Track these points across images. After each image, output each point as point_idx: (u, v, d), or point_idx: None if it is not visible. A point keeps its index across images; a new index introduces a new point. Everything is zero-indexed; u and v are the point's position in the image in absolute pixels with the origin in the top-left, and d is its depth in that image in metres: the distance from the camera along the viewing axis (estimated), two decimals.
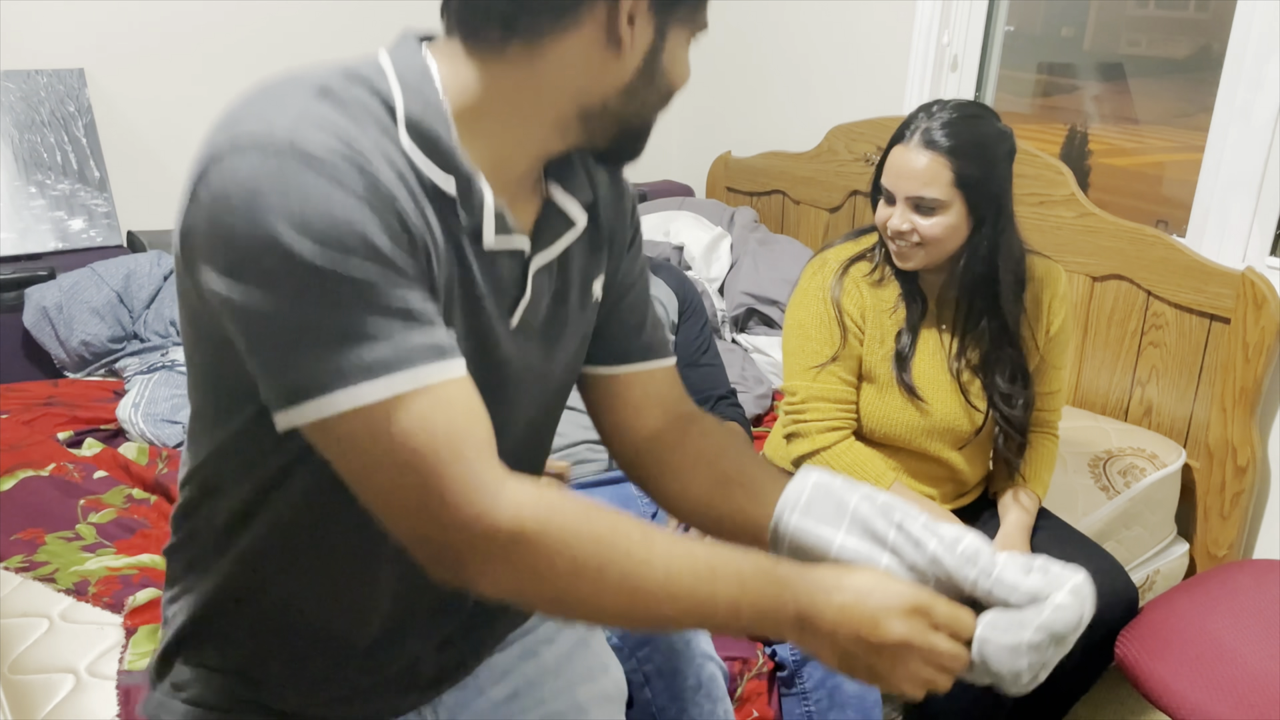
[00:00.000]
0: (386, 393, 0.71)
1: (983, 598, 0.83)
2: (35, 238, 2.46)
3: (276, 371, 0.72)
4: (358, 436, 0.72)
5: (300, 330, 0.71)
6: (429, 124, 0.78)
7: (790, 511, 0.89)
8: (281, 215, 0.69)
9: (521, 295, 0.87)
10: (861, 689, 1.51)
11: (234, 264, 0.71)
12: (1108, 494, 2.10)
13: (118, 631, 1.46)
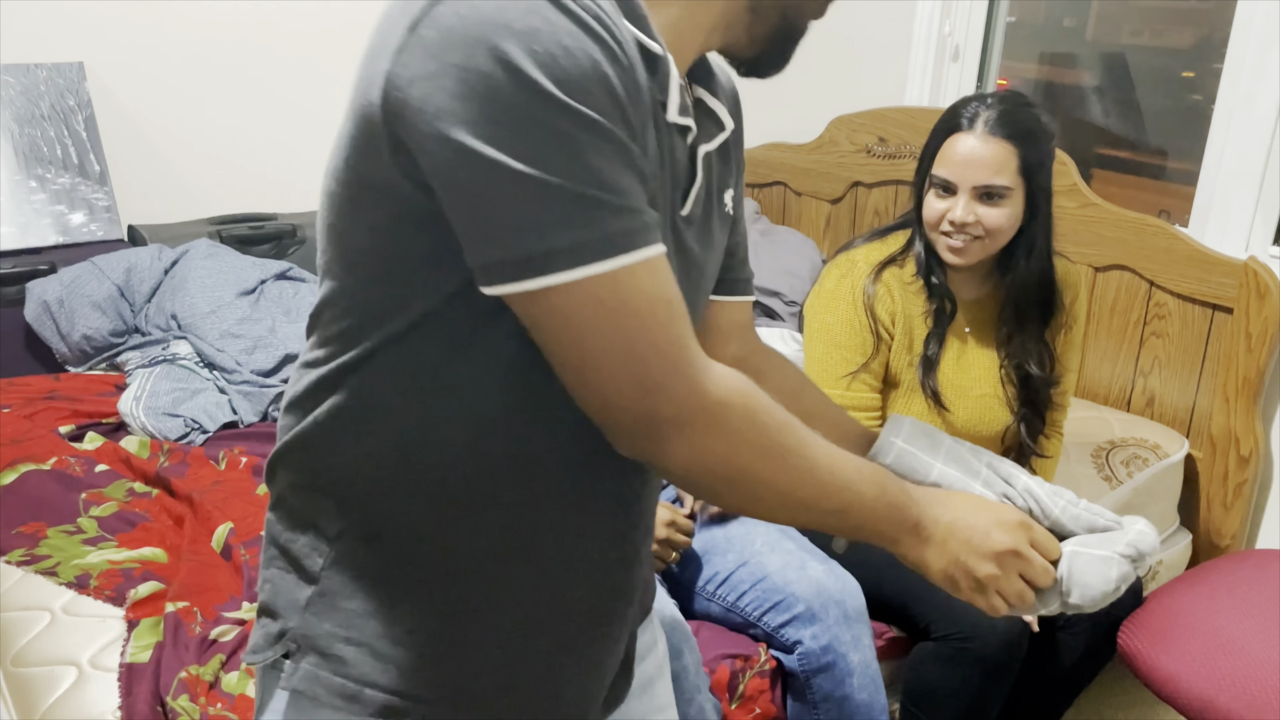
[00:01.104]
0: (618, 265, 0.66)
1: (1069, 524, 0.90)
2: (36, 232, 2.46)
3: (495, 242, 0.66)
4: (580, 309, 0.67)
5: (532, 187, 0.64)
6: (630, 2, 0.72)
7: (894, 436, 0.93)
8: (530, 51, 0.62)
9: (693, 181, 0.82)
10: (870, 698, 1.51)
11: (474, 105, 0.63)
12: (1110, 484, 2.10)
13: (119, 624, 1.46)
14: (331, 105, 2.93)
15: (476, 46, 0.62)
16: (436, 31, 0.64)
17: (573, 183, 0.64)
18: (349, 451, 0.78)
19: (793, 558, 1.56)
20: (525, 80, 0.62)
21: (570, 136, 0.64)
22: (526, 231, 0.65)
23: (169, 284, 2.42)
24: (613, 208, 0.66)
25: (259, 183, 2.86)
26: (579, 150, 0.64)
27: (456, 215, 0.67)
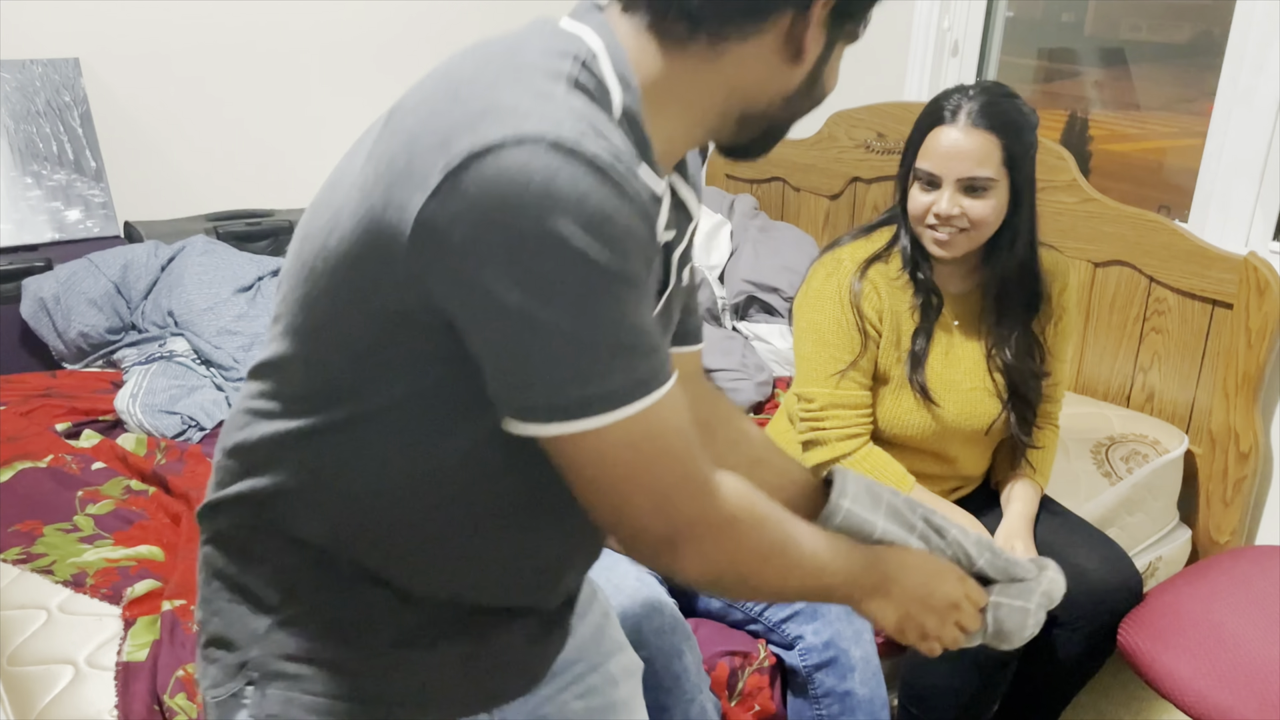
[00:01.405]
0: (646, 405, 0.72)
1: (992, 574, 1.04)
2: (32, 228, 2.45)
3: (537, 387, 0.71)
4: (611, 448, 0.73)
5: (577, 342, 0.69)
6: (634, 114, 0.76)
7: (841, 499, 0.99)
8: (580, 220, 0.66)
9: (668, 285, 0.87)
10: (871, 693, 1.51)
11: (520, 267, 0.66)
12: (1110, 480, 2.10)
13: (116, 623, 1.45)
14: (329, 102, 2.93)
15: (522, 211, 0.65)
16: (479, 189, 0.66)
17: (609, 336, 0.69)
18: (306, 508, 0.83)
19: None
20: (569, 247, 0.66)
21: (609, 294, 0.68)
22: (565, 382, 0.70)
23: (166, 281, 2.41)
24: (640, 352, 0.72)
25: (256, 179, 2.85)
26: (616, 306, 0.69)
27: (489, 359, 0.71)
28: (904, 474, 1.64)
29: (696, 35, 0.77)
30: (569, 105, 0.69)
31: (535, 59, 0.73)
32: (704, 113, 0.82)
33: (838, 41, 0.84)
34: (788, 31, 0.79)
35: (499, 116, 0.67)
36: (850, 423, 1.63)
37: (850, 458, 1.63)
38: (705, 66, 0.79)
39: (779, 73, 0.81)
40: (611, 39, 0.77)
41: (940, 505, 1.65)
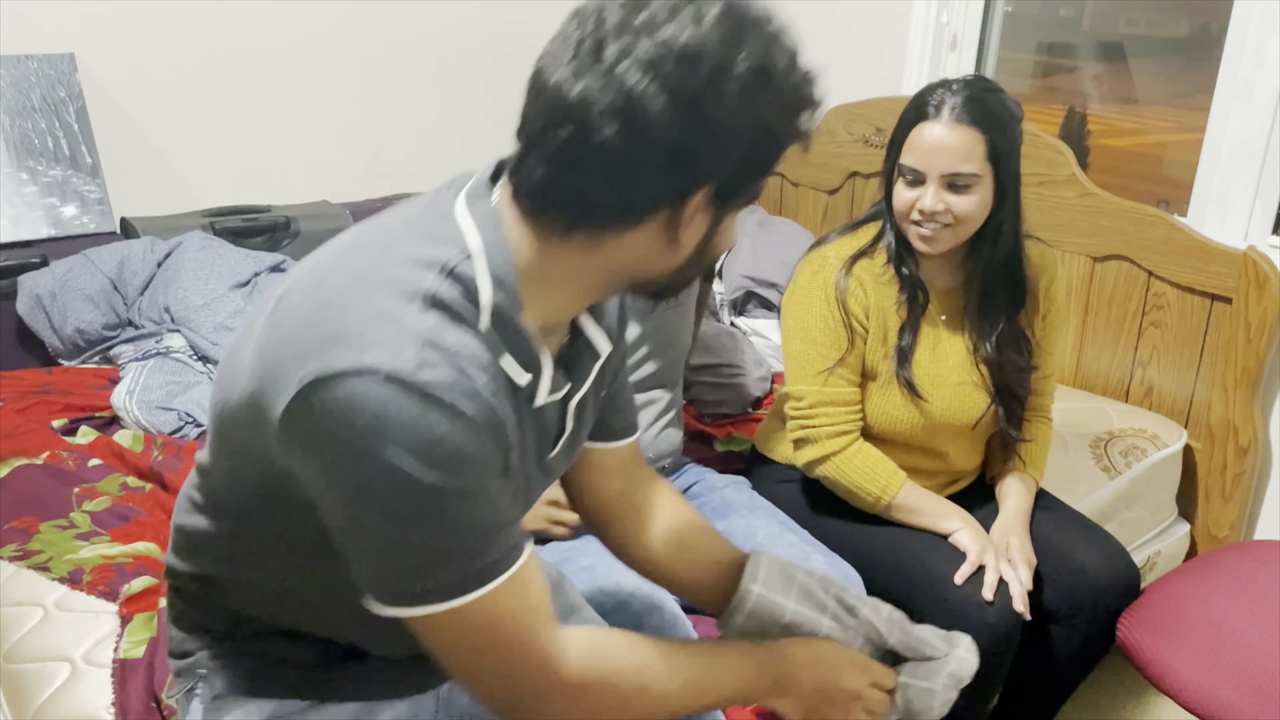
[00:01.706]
0: (478, 594, 0.81)
1: (902, 651, 1.08)
2: (28, 225, 2.44)
3: (379, 578, 0.82)
4: (452, 629, 0.83)
5: (403, 550, 0.79)
6: (506, 316, 0.83)
7: (751, 584, 1.07)
8: (406, 446, 0.75)
9: (563, 432, 0.97)
10: None
11: (352, 482, 0.77)
12: (1109, 475, 2.10)
13: (113, 620, 1.45)
14: (326, 97, 2.92)
15: (356, 438, 0.75)
16: (323, 410, 0.76)
17: (439, 542, 0.79)
18: (231, 588, 0.99)
19: (795, 550, 1.56)
20: (398, 472, 0.75)
21: (438, 508, 0.77)
22: (400, 578, 0.80)
23: (162, 277, 2.41)
24: (472, 553, 0.81)
25: (252, 174, 2.84)
26: (445, 517, 0.78)
27: (347, 552, 0.82)
28: (895, 470, 1.64)
29: (575, 231, 0.83)
30: (415, 330, 0.77)
31: (399, 272, 0.80)
32: (591, 287, 0.89)
33: (726, 216, 0.88)
34: (666, 224, 0.84)
35: (346, 344, 0.76)
36: (840, 420, 1.63)
37: (841, 454, 1.63)
38: (587, 254, 0.85)
39: (662, 254, 0.86)
40: (494, 234, 0.83)
41: (933, 502, 1.65)
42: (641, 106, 0.77)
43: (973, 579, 1.53)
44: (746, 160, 0.83)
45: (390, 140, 3.04)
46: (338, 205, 2.84)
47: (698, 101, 0.77)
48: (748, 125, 0.80)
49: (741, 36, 0.79)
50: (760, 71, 0.79)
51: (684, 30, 0.77)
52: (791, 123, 0.84)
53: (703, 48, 0.77)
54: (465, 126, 3.16)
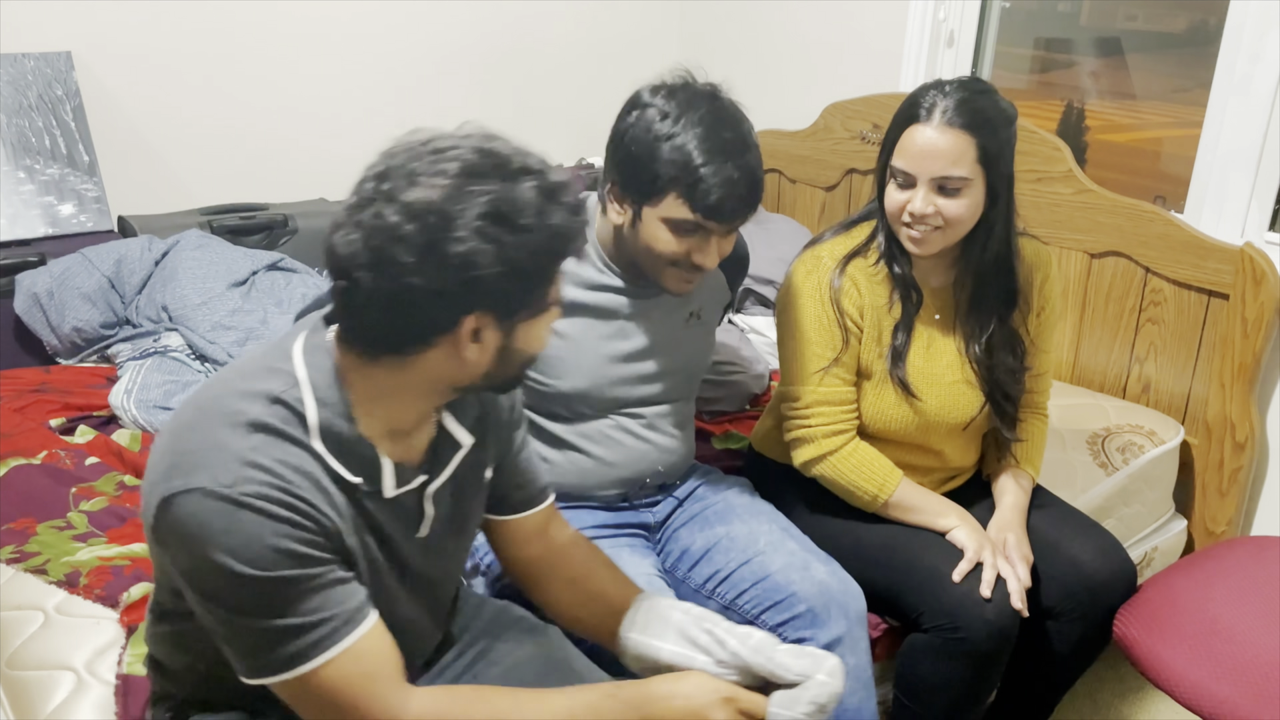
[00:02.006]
0: (314, 666, 0.98)
1: (770, 679, 1.13)
2: (25, 223, 2.44)
3: (232, 655, 1.01)
4: (299, 695, 1.00)
5: (245, 630, 0.98)
6: (335, 428, 1.01)
7: (628, 631, 1.20)
8: (225, 549, 0.93)
9: (423, 517, 1.13)
10: (860, 702, 1.51)
11: (192, 578, 0.97)
12: (1106, 471, 2.10)
13: (113, 626, 1.45)
14: (323, 94, 2.92)
15: (190, 545, 0.94)
16: (167, 525, 0.95)
17: (275, 620, 0.96)
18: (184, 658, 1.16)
19: (796, 558, 1.56)
20: (223, 570, 0.94)
21: (268, 594, 0.96)
22: (252, 654, 0.99)
23: (159, 275, 2.41)
24: (308, 627, 0.97)
25: (250, 172, 2.84)
26: (270, 599, 0.96)
27: (209, 628, 1.01)
28: (891, 468, 1.64)
29: (380, 356, 1.00)
30: (236, 452, 0.95)
31: (233, 404, 0.98)
32: (418, 396, 1.05)
33: (519, 328, 1.02)
34: (450, 346, 0.99)
35: (182, 470, 0.95)
36: (836, 419, 1.63)
37: (837, 453, 1.63)
38: (398, 373, 1.01)
39: (462, 367, 1.01)
40: (321, 363, 1.02)
41: (930, 500, 1.65)
42: (390, 258, 0.93)
43: (970, 576, 1.53)
44: (507, 286, 0.97)
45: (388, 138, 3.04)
46: (335, 203, 2.82)
47: (432, 249, 0.92)
48: (491, 260, 0.94)
49: (468, 189, 0.94)
50: (493, 216, 0.94)
51: (419, 192, 0.93)
52: (545, 251, 0.98)
53: (430, 205, 0.93)
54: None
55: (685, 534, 1.64)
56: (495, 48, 3.17)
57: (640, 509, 1.66)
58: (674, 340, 1.62)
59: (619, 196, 1.45)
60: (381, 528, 1.08)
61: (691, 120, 1.38)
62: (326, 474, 1.01)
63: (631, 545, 1.58)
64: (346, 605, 1.01)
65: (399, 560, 1.12)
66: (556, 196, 0.98)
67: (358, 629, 1.01)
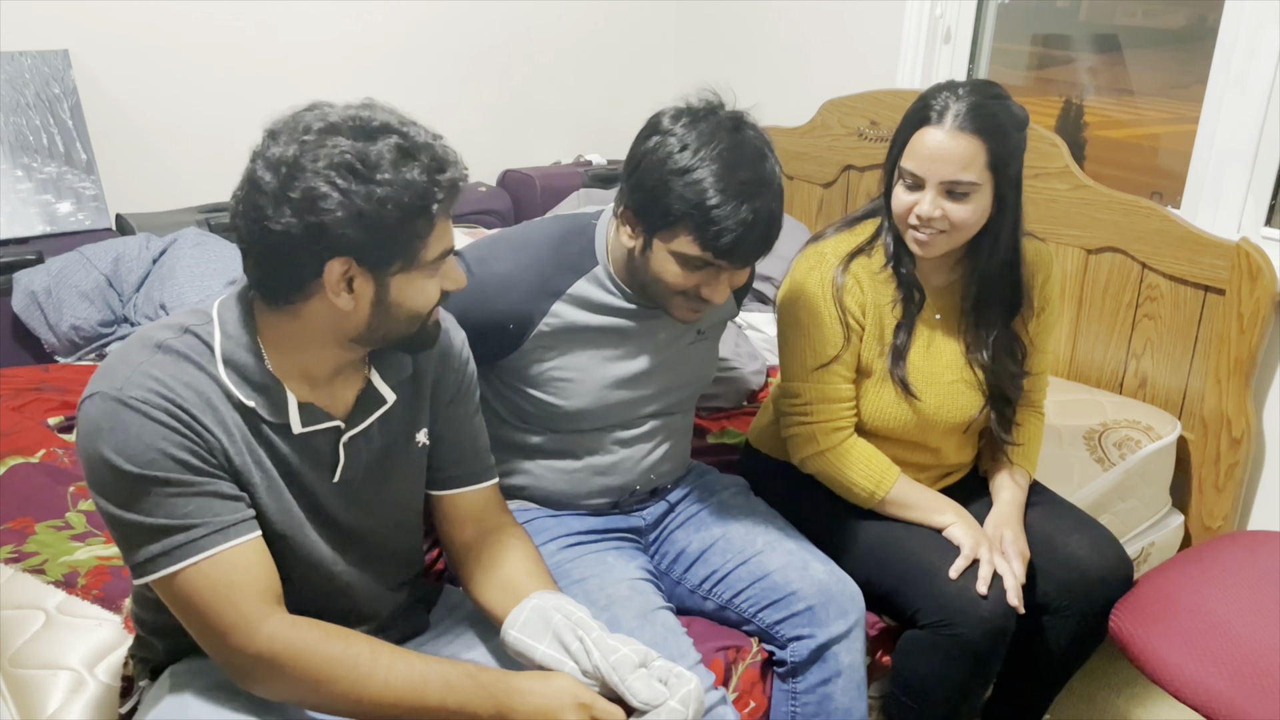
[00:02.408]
0: (181, 566, 1.06)
1: (627, 699, 1.15)
2: (23, 221, 2.45)
3: (123, 555, 1.08)
4: (167, 592, 1.08)
5: (125, 526, 1.06)
6: (238, 359, 1.10)
7: (510, 628, 1.22)
8: (111, 445, 1.03)
9: (337, 462, 1.19)
10: (849, 703, 1.51)
11: (89, 476, 1.06)
12: (1103, 466, 2.10)
13: (114, 628, 1.45)
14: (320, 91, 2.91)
15: (86, 440, 1.05)
16: (79, 429, 1.06)
17: (149, 518, 1.05)
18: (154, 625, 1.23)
19: (795, 557, 1.56)
20: (107, 464, 1.03)
21: (144, 491, 1.04)
22: (130, 551, 1.07)
23: (157, 273, 2.41)
24: (178, 529, 1.05)
25: None
26: (148, 498, 1.04)
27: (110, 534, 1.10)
28: (889, 464, 1.65)
29: (275, 303, 1.09)
30: (136, 363, 1.06)
31: (150, 332, 1.10)
32: (319, 344, 1.12)
33: (393, 279, 1.08)
34: (324, 293, 1.06)
35: (99, 375, 1.07)
36: (835, 416, 1.63)
37: (835, 450, 1.64)
38: (295, 320, 1.10)
39: (344, 315, 1.09)
40: (231, 307, 1.12)
41: (926, 496, 1.65)
42: (253, 205, 1.03)
43: (967, 573, 1.53)
44: (361, 234, 1.03)
45: None
46: None
47: (282, 194, 1.01)
48: (336, 205, 1.01)
49: (325, 144, 1.01)
50: (342, 166, 1.01)
51: (280, 148, 1.02)
52: (397, 202, 1.03)
53: (285, 157, 1.01)
54: (460, 122, 3.16)
55: (681, 535, 1.64)
56: (493, 45, 3.17)
57: (630, 513, 1.65)
58: (679, 358, 1.60)
59: (631, 221, 1.41)
60: (287, 461, 1.15)
61: (710, 154, 1.33)
62: (224, 397, 1.09)
63: (619, 549, 1.57)
64: (222, 517, 1.08)
65: (310, 498, 1.18)
66: (415, 155, 1.04)
67: (231, 541, 1.08)
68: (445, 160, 1.08)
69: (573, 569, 1.49)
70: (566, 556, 1.52)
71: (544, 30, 3.25)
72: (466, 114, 3.18)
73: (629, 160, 1.41)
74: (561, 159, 3.40)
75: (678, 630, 1.45)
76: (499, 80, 3.22)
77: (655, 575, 1.57)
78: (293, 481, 1.16)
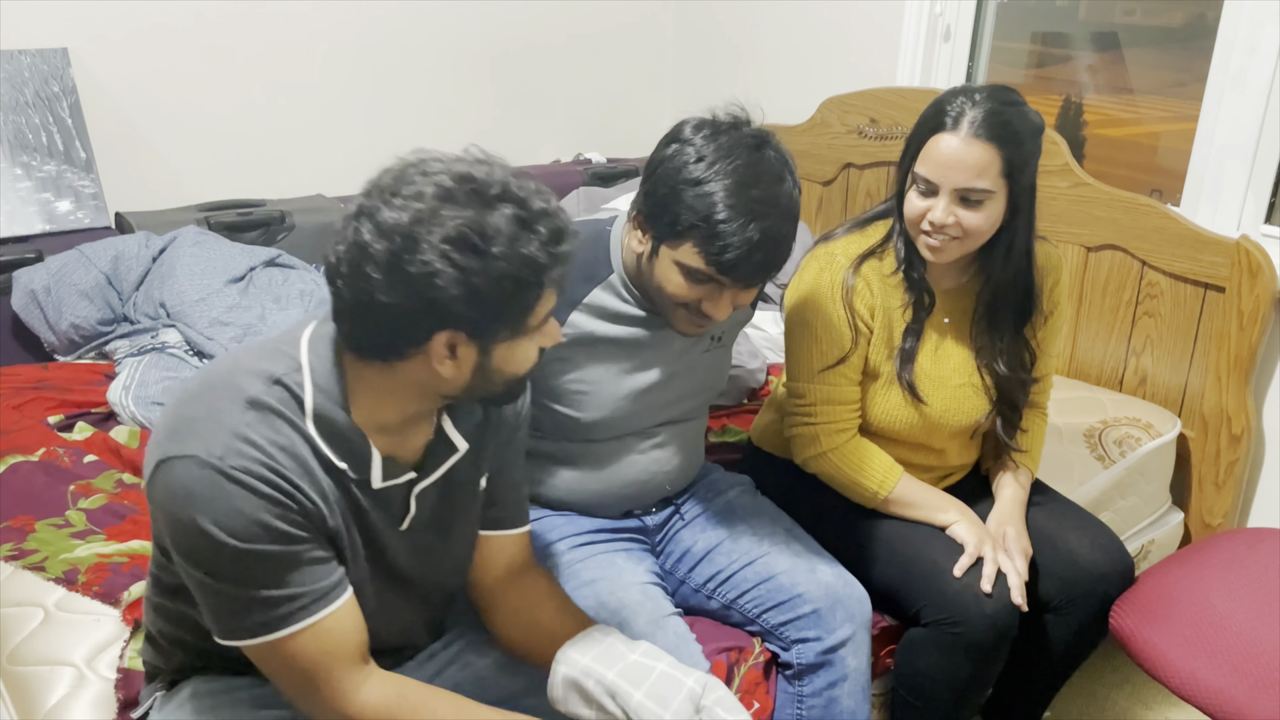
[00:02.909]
0: (280, 636, 1.04)
1: None
2: (22, 220, 2.44)
3: (210, 620, 1.07)
4: (264, 658, 1.07)
5: (220, 595, 1.03)
6: (328, 414, 1.06)
7: (552, 689, 1.21)
8: (209, 517, 0.99)
9: (408, 512, 1.17)
10: (855, 706, 1.51)
11: (177, 542, 1.02)
12: (1103, 464, 2.10)
13: (114, 623, 1.45)
14: (319, 89, 2.91)
15: (178, 508, 1.00)
16: (158, 487, 1.01)
17: (250, 590, 1.02)
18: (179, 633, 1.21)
19: (801, 559, 1.55)
20: (206, 535, 0.99)
21: (242, 562, 1.01)
22: (225, 618, 1.05)
23: (157, 272, 2.41)
24: (279, 600, 1.03)
25: (247, 168, 2.84)
26: (247, 569, 1.01)
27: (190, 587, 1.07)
28: (891, 464, 1.65)
29: (370, 360, 1.05)
30: (231, 424, 1.01)
31: (235, 380, 1.04)
32: (405, 398, 1.09)
33: (496, 346, 1.05)
34: (430, 357, 1.03)
35: (179, 435, 1.01)
36: (838, 418, 1.63)
37: (838, 450, 1.64)
38: (387, 376, 1.06)
39: (441, 378, 1.05)
40: (321, 353, 1.07)
41: (929, 495, 1.65)
42: (361, 273, 0.97)
43: (970, 571, 1.53)
44: (474, 309, 0.99)
45: (385, 133, 3.04)
46: (333, 199, 2.84)
47: (396, 268, 0.96)
48: (451, 283, 0.97)
49: (441, 212, 0.97)
50: (460, 240, 0.96)
51: (392, 212, 0.97)
52: (513, 278, 0.99)
53: (399, 226, 0.96)
54: (459, 120, 3.16)
55: (687, 535, 1.64)
56: (492, 43, 3.17)
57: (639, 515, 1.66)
58: (694, 366, 1.59)
59: (642, 226, 1.41)
60: (366, 515, 1.13)
61: (725, 169, 1.31)
62: (315, 457, 1.06)
63: (628, 550, 1.57)
64: (320, 583, 1.06)
65: (377, 547, 1.16)
66: (532, 225, 0.99)
67: (328, 607, 1.07)
68: (563, 231, 1.03)
69: (583, 569, 1.49)
70: (576, 556, 1.52)
71: (543, 28, 3.25)
72: (466, 112, 3.18)
73: (648, 165, 1.40)
74: (561, 157, 3.39)
75: (688, 638, 1.45)
76: (498, 78, 3.22)
77: (662, 577, 1.57)
78: (365, 531, 1.14)
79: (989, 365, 1.66)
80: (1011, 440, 1.70)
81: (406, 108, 3.07)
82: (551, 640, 1.24)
